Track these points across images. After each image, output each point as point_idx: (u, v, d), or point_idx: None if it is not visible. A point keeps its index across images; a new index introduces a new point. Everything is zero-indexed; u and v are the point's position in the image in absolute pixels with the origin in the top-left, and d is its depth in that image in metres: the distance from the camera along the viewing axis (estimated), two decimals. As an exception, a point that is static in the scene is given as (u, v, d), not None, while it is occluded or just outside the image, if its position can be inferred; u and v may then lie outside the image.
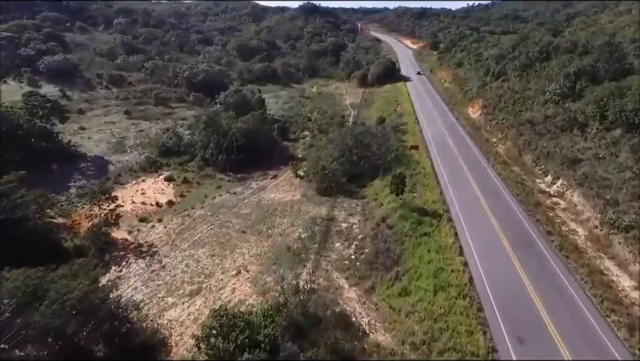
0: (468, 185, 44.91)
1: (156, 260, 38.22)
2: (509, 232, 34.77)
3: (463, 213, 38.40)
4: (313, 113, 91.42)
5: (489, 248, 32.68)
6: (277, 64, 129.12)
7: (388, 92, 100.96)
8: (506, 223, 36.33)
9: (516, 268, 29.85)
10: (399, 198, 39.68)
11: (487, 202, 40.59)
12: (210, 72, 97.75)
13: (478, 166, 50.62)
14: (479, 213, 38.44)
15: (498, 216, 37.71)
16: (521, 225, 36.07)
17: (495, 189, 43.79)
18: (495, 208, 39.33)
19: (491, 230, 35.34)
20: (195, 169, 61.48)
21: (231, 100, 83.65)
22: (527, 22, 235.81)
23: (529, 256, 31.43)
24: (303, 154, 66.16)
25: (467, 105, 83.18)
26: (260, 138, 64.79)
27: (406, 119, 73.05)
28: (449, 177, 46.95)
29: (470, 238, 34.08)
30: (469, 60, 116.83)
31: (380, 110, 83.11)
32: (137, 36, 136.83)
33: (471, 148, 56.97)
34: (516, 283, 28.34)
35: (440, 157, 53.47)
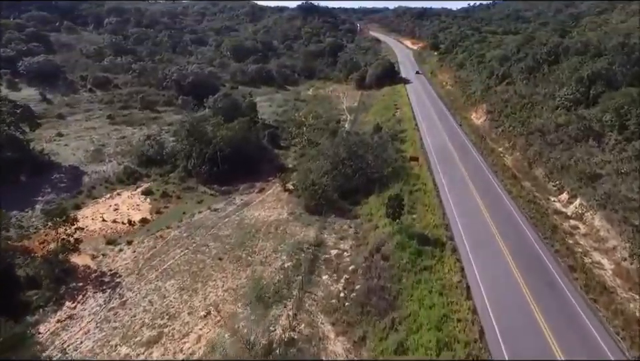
0: (474, 205, 39.66)
1: (117, 294, 33.03)
2: (525, 268, 29.49)
3: (470, 241, 33.15)
4: (308, 118, 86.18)
5: (502, 288, 27.45)
6: (272, 65, 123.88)
7: (387, 95, 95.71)
8: (520, 255, 31.06)
9: (536, 319, 24.61)
10: (395, 222, 34.44)
11: (497, 227, 35.34)
12: (200, 74, 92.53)
13: (484, 181, 45.36)
14: (488, 241, 33.19)
15: (511, 245, 32.44)
16: (539, 258, 30.76)
17: (505, 210, 38.53)
18: (507, 234, 34.07)
19: (504, 264, 30.09)
20: (177, 181, 56.28)
21: (219, 105, 78.47)
22: (529, 22, 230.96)
23: (551, 300, 26.18)
24: (294, 163, 60.95)
25: (470, 110, 77.93)
26: (247, 147, 59.54)
27: (405, 125, 67.80)
28: (452, 195, 41.71)
29: (479, 275, 28.85)
30: (471, 62, 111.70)
31: (378, 115, 77.87)
32: (127, 36, 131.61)
33: (476, 160, 51.70)
34: (537, 340, 23.12)
35: (442, 170, 48.22)
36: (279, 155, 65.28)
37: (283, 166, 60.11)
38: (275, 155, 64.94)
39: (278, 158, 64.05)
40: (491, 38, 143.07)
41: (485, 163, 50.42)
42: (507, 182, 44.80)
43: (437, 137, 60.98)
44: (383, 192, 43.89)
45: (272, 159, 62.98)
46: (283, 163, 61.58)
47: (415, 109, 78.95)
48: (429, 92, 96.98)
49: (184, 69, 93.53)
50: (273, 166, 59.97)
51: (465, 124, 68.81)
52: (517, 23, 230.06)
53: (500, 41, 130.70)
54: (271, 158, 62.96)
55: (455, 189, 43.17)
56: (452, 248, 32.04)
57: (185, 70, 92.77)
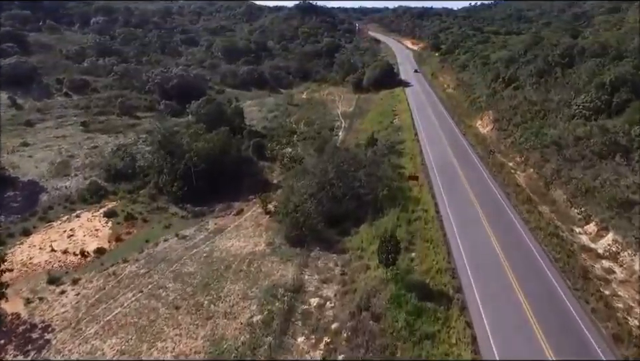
0: (485, 240, 32.76)
1: (42, 358, 26.29)
2: (557, 341, 22.41)
3: (483, 294, 26.27)
4: (299, 124, 79.39)
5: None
6: (265, 67, 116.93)
7: (385, 99, 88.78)
8: (549, 319, 24.00)
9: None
10: (389, 268, 27.57)
11: (516, 272, 28.47)
12: (185, 77, 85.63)
13: (496, 207, 38.45)
14: (506, 295, 26.24)
15: (534, 301, 25.47)
16: (574, 324, 23.76)
17: (524, 248, 31.64)
18: (529, 284, 27.11)
19: (528, 333, 23.09)
20: (146, 200, 49.53)
21: (203, 111, 71.65)
22: (531, 22, 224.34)
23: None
24: (280, 179, 54.12)
25: (475, 117, 70.96)
26: (227, 161, 52.76)
27: (404, 135, 60.87)
28: (458, 226, 34.80)
29: (497, 350, 21.99)
30: (474, 63, 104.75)
31: (374, 122, 70.96)
32: (114, 36, 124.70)
33: (484, 178, 44.78)
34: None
35: (446, 192, 41.27)
36: (264, 168, 58.41)
37: (267, 182, 53.29)
38: (260, 169, 58.06)
39: (262, 172, 57.18)
40: (494, 38, 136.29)
41: (494, 182, 43.51)
42: (522, 208, 37.91)
43: (439, 149, 53.99)
44: (377, 219, 37.15)
45: (255, 173, 56.09)
46: (267, 178, 54.72)
47: (415, 115, 72.02)
48: (429, 95, 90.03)
49: (167, 72, 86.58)
50: (255, 182, 53.07)
51: (470, 134, 61.88)
52: (519, 23, 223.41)
53: (504, 42, 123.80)
54: (254, 173, 56.06)
55: (462, 218, 36.27)
56: (460, 305, 25.12)
57: (168, 73, 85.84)
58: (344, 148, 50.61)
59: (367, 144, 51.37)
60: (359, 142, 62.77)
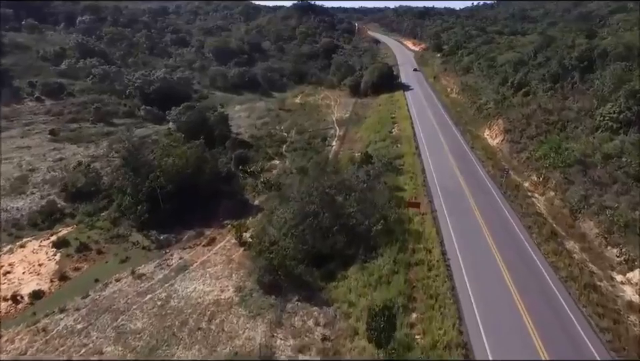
0: (506, 297, 25.64)
1: None
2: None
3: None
4: (290, 132, 72.41)
5: None
6: (258, 68, 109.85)
7: (384, 105, 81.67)
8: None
9: None
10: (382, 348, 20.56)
11: (549, 348, 21.43)
12: (168, 81, 78.67)
13: (516, 245, 31.34)
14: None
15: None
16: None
17: (555, 308, 24.59)
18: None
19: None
20: (107, 224, 42.60)
21: (183, 118, 64.77)
22: (535, 22, 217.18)
23: None
24: (262, 200, 47.15)
25: (483, 125, 63.90)
26: (202, 179, 45.76)
27: (403, 148, 53.75)
28: (471, 277, 27.58)
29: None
30: (479, 66, 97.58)
31: (371, 131, 63.89)
32: (100, 36, 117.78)
33: (499, 205, 37.63)
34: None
35: (453, 225, 34.11)
36: (245, 186, 51.35)
37: (247, 204, 46.26)
38: (241, 187, 50.97)
39: (243, 191, 50.12)
40: (499, 39, 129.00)
41: (511, 211, 36.37)
42: (547, 247, 30.80)
43: (444, 166, 46.83)
44: (369, 260, 30.12)
45: (235, 193, 48.97)
46: (248, 199, 47.68)
47: (416, 124, 64.91)
48: (431, 101, 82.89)
49: (149, 75, 79.62)
50: (234, 204, 45.94)
51: (478, 146, 54.77)
52: (523, 23, 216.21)
53: (510, 43, 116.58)
54: (233, 192, 48.97)
55: (475, 263, 29.14)
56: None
57: (150, 76, 78.87)
58: (332, 169, 43.47)
59: (361, 161, 44.24)
60: (352, 156, 55.90)
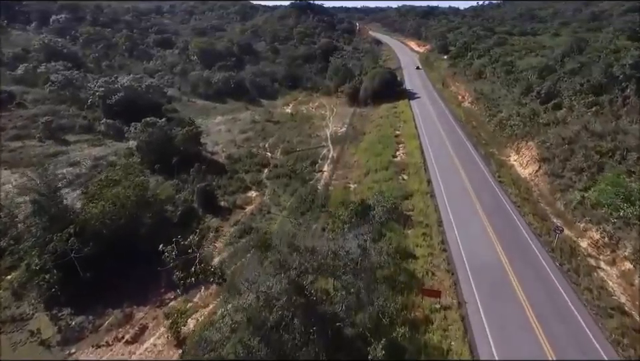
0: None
1: None
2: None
3: None
4: (275, 151, 60.25)
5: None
6: (247, 73, 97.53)
7: (385, 117, 69.26)
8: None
9: None
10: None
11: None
12: (133, 90, 66.48)
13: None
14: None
15: None
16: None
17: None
18: None
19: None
20: (8, 296, 30.68)
21: (144, 137, 52.71)
22: (545, 21, 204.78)
23: None
24: (227, 253, 35.02)
25: (506, 146, 51.55)
26: (141, 231, 33.64)
27: (412, 182, 41.28)
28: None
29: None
30: (493, 70, 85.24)
31: (371, 155, 51.57)
32: (76, 37, 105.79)
33: (557, 289, 25.06)
34: None
35: (496, 336, 21.73)
36: (208, 231, 39.22)
37: (202, 263, 34.07)
38: (202, 233, 38.79)
39: (204, 239, 37.96)
40: (513, 40, 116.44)
41: (577, 302, 23.93)
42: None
43: (468, 215, 34.06)
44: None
45: (191, 244, 36.76)
46: (204, 255, 35.46)
47: (426, 145, 52.51)
48: (442, 112, 70.44)
49: (112, 82, 67.50)
50: (185, 263, 33.85)
51: (506, 178, 42.30)
52: (532, 23, 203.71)
53: (525, 44, 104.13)
54: (188, 244, 36.77)
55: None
56: None
57: (113, 84, 66.75)
58: (320, 208, 31.19)
59: (356, 212, 31.92)
60: (347, 190, 43.64)
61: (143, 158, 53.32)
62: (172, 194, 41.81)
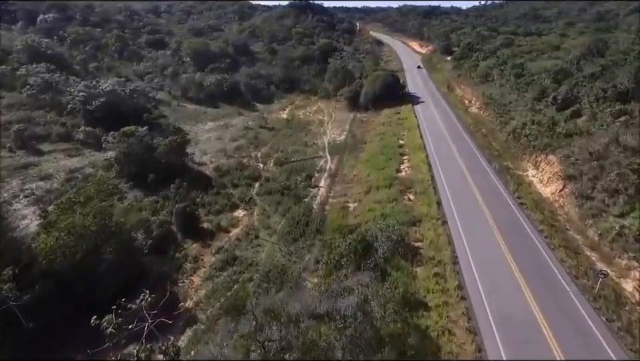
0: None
1: None
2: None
3: None
4: (268, 162, 55.01)
5: None
6: (242, 75, 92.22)
7: (388, 124, 63.96)
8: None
9: None
10: None
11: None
12: (116, 94, 61.27)
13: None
14: None
15: None
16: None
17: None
18: None
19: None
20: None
21: (122, 148, 47.53)
22: (549, 21, 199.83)
23: None
24: (206, 291, 29.74)
25: (523, 159, 46.25)
26: (101, 267, 28.35)
27: (420, 204, 35.87)
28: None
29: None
30: (501, 73, 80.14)
31: (372, 168, 46.27)
32: (64, 37, 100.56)
33: (604, 352, 20.03)
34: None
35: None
36: (186, 261, 33.93)
37: (175, 303, 28.79)
38: (177, 264, 33.52)
39: (180, 272, 32.66)
40: (520, 41, 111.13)
41: None
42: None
43: (488, 250, 28.50)
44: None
45: (165, 276, 31.50)
46: (180, 290, 30.15)
47: (433, 157, 47.20)
48: (448, 119, 65.10)
49: (93, 86, 62.28)
50: (155, 303, 28.66)
51: (526, 196, 36.98)
52: (536, 23, 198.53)
53: (531, 44, 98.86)
54: (162, 276, 31.49)
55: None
56: None
57: (94, 88, 61.55)
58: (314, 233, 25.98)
59: (355, 250, 26.66)
60: (345, 210, 38.37)
61: (121, 171, 48.32)
62: (145, 217, 36.52)
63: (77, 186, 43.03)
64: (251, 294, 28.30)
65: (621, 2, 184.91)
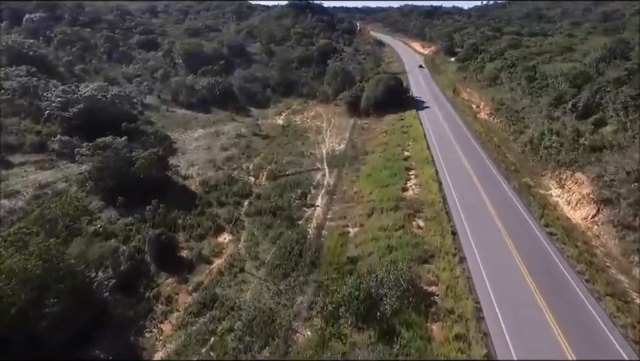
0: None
1: None
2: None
3: None
4: (261, 176, 49.76)
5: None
6: (236, 78, 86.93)
7: (391, 132, 58.73)
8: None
9: None
10: None
11: None
12: (96, 100, 56.03)
13: None
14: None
15: None
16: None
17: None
18: None
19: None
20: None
21: (97, 161, 42.35)
22: (554, 21, 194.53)
23: None
24: (171, 349, 24.43)
25: (542, 174, 41.00)
26: (42, 322, 23.11)
27: (431, 233, 30.46)
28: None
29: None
30: (510, 76, 74.95)
31: (375, 186, 41.01)
32: (50, 38, 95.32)
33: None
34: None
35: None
36: (157, 301, 28.69)
37: None
38: (148, 304, 28.26)
39: (147, 317, 27.39)
40: (528, 41, 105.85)
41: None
42: None
43: (520, 301, 22.75)
44: None
45: (127, 325, 26.24)
46: (140, 347, 24.85)
47: (443, 173, 41.88)
48: (457, 126, 59.87)
49: (72, 91, 57.07)
50: None
51: (553, 222, 31.73)
52: (540, 23, 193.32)
53: (540, 45, 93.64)
54: (124, 323, 26.24)
55: None
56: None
57: (73, 93, 56.33)
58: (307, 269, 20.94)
59: (356, 298, 21.47)
60: (344, 238, 33.12)
61: (96, 187, 43.10)
62: (112, 248, 31.25)
63: (41, 206, 37.80)
64: (229, 351, 23.21)
65: (627, 2, 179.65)
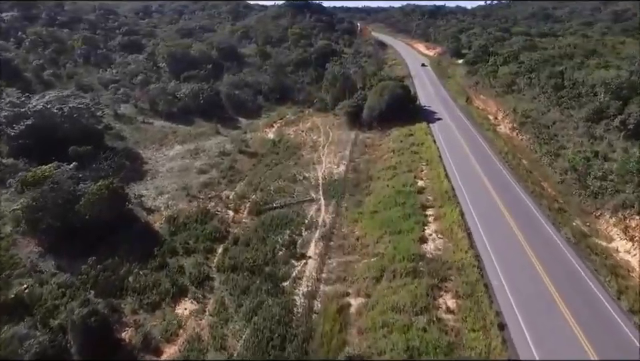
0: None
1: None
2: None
3: None
4: (242, 208, 40.48)
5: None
6: (224, 84, 77.50)
7: (399, 151, 49.26)
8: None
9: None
10: None
11: None
12: (49, 115, 46.67)
13: None
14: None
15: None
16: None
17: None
18: None
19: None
20: None
21: (24, 201, 33.15)
22: (562, 21, 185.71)
23: None
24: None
25: (596, 215, 31.65)
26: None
27: (469, 328, 21.10)
28: None
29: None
30: (531, 82, 66.23)
31: (383, 229, 31.70)
32: (21, 39, 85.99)
33: None
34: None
35: None
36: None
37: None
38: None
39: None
40: (545, 43, 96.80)
41: None
42: None
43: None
44: None
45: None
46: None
47: (473, 219, 32.30)
48: (476, 144, 50.44)
49: (20, 104, 47.78)
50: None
51: (634, 298, 22.40)
52: (548, 23, 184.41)
53: (559, 46, 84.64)
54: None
55: None
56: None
57: (21, 107, 47.02)
58: None
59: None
60: (343, 314, 23.80)
61: (33, 228, 33.93)
62: (15, 348, 21.88)
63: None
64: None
65: (637, 2, 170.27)
